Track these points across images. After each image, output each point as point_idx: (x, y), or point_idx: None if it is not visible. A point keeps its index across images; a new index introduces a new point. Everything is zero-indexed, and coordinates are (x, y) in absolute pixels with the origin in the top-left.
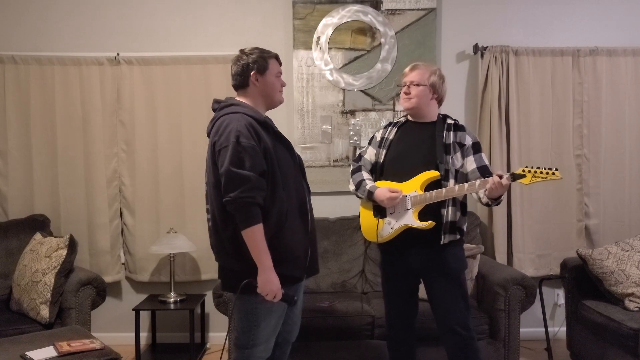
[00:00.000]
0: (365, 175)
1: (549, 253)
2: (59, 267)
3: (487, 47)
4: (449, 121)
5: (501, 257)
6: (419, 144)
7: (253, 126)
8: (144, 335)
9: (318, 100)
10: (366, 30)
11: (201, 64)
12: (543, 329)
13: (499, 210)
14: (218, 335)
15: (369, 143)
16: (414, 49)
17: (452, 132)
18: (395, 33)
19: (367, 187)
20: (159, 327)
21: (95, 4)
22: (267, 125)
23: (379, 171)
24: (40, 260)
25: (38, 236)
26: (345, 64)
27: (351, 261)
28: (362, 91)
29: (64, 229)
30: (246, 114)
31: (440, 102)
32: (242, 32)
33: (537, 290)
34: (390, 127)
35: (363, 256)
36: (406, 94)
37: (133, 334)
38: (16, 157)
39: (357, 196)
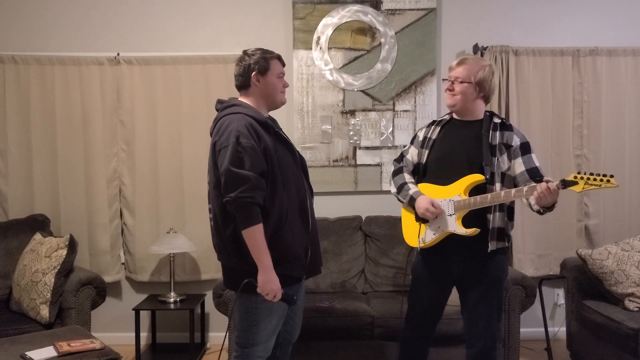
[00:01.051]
0: (407, 177)
1: (549, 253)
2: (59, 267)
3: (487, 47)
4: (496, 120)
5: None
6: (464, 144)
7: (253, 126)
8: (144, 335)
9: (318, 100)
10: (366, 30)
11: (201, 64)
12: (543, 329)
13: None
14: (218, 335)
15: (411, 142)
16: (414, 49)
17: (498, 132)
18: (395, 33)
19: (411, 192)
20: (159, 327)
21: (96, 4)
22: (268, 126)
23: (421, 172)
24: (40, 260)
25: (38, 236)
26: (345, 64)
27: (351, 261)
28: (362, 91)
29: (64, 229)
30: (247, 114)
31: (487, 100)
32: (242, 32)
33: (537, 290)
34: (433, 126)
35: (363, 256)
36: (450, 90)
37: (133, 334)
38: (16, 156)
39: (399, 199)
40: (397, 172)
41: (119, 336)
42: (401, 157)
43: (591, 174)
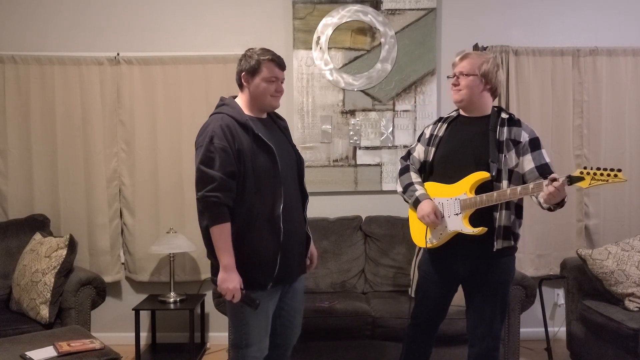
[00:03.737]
0: (414, 177)
1: (549, 253)
2: (58, 267)
3: (487, 47)
4: (504, 115)
5: None
6: (471, 141)
7: (230, 127)
8: (144, 335)
9: (318, 100)
10: (366, 30)
11: (201, 64)
12: (543, 329)
13: None
14: (218, 335)
15: (418, 140)
16: (414, 48)
17: (505, 128)
18: (395, 33)
19: (417, 193)
20: (158, 327)
21: (95, 4)
22: (247, 128)
23: (428, 170)
24: (40, 260)
25: (38, 236)
26: (345, 64)
27: (351, 261)
28: (362, 91)
29: (64, 228)
30: (229, 114)
31: (494, 93)
32: (242, 32)
33: (537, 290)
34: (440, 123)
35: (363, 256)
36: (455, 85)
37: (133, 334)
38: (16, 156)
39: (404, 199)
40: (403, 171)
41: (119, 336)
42: (408, 155)
43: (597, 169)
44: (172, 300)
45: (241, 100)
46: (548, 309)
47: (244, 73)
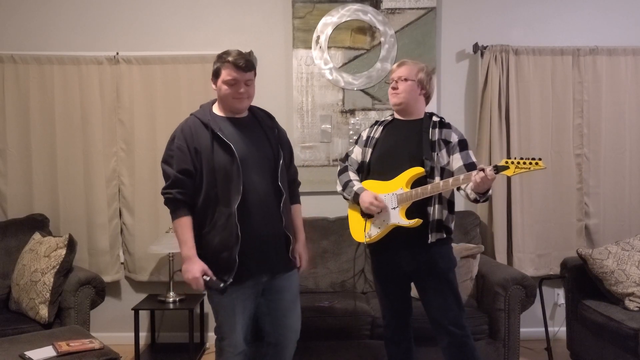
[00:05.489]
0: (352, 175)
1: (549, 253)
2: (58, 267)
3: (487, 46)
4: (435, 118)
5: (501, 256)
6: (405, 141)
7: (191, 127)
8: (143, 335)
9: (317, 99)
10: (366, 29)
11: (200, 63)
12: (543, 329)
13: (499, 210)
14: None
15: (356, 142)
16: (414, 48)
17: (437, 129)
18: (395, 32)
19: (355, 188)
20: (158, 327)
21: (95, 3)
22: (208, 127)
23: (365, 170)
24: (40, 259)
25: (37, 236)
26: (345, 63)
27: (350, 261)
28: (362, 90)
29: (63, 228)
30: (196, 115)
31: (427, 99)
32: (241, 31)
33: (537, 290)
34: (376, 126)
35: (363, 256)
36: (394, 89)
37: (132, 334)
38: (15, 156)
39: (344, 197)
40: (342, 171)
41: (118, 336)
42: (346, 157)
43: (521, 158)
44: (171, 300)
45: (217, 103)
46: (548, 309)
47: (212, 76)
